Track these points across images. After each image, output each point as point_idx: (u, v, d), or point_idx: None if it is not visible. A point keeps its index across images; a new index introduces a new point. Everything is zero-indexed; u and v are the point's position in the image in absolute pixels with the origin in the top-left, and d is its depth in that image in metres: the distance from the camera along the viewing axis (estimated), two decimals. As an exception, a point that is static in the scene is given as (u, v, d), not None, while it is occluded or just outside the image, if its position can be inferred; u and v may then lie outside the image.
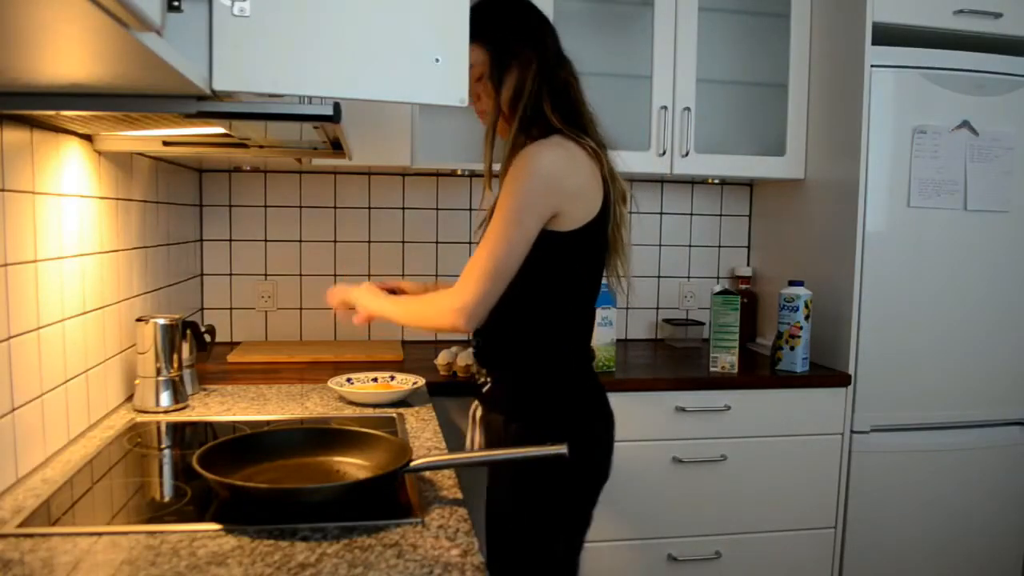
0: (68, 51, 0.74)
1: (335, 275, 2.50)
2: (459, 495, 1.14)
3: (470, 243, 2.55)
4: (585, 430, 1.40)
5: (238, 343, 2.41)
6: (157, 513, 1.06)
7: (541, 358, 1.42)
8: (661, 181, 2.67)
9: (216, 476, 1.03)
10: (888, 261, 2.16)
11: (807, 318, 2.16)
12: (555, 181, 1.33)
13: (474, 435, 1.52)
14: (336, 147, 1.56)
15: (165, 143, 1.48)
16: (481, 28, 1.34)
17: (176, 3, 0.77)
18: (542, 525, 1.37)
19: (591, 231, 1.37)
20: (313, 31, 0.95)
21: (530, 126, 1.40)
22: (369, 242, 2.52)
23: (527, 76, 1.40)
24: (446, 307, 1.33)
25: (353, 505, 1.04)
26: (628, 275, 1.49)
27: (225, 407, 1.65)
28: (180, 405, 1.62)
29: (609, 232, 1.42)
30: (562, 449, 1.13)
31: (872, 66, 2.10)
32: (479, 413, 1.52)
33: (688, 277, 2.74)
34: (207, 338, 1.79)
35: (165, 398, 1.59)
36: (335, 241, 2.50)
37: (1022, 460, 2.27)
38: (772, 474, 2.14)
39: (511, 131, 1.41)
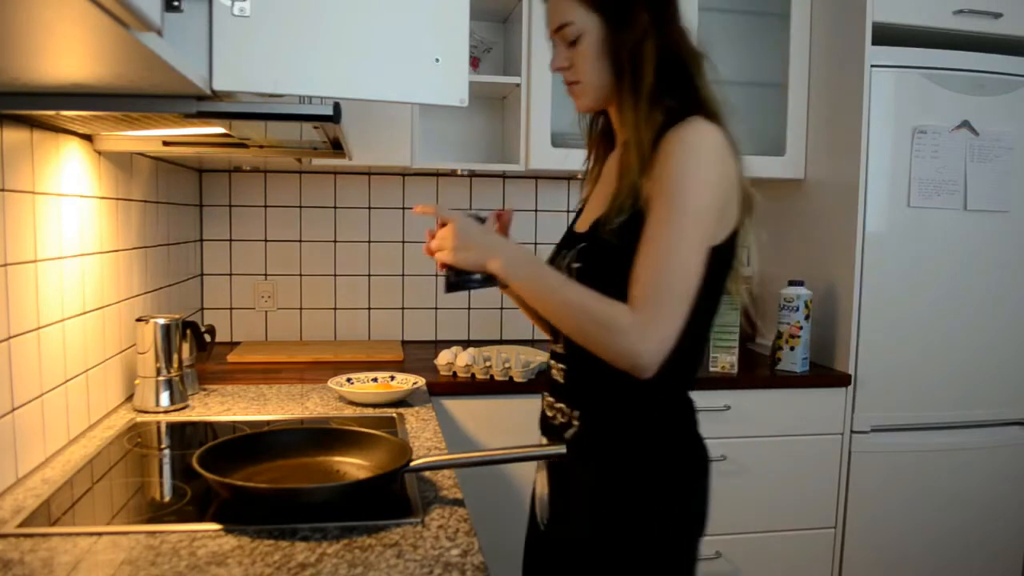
0: (68, 51, 0.74)
1: (335, 275, 2.50)
2: (459, 495, 1.14)
3: (470, 243, 2.54)
4: (689, 482, 1.16)
5: (238, 343, 2.41)
6: (157, 513, 1.06)
7: (654, 396, 1.13)
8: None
9: (216, 476, 1.03)
10: (888, 261, 2.15)
11: (807, 318, 2.16)
12: (730, 175, 1.10)
13: (541, 484, 1.26)
14: (336, 147, 1.55)
15: (165, 143, 1.48)
16: None
17: (176, 3, 0.77)
18: None
19: (732, 246, 1.12)
20: (313, 31, 0.95)
21: (663, 97, 1.11)
22: (369, 242, 2.51)
23: (650, 33, 1.13)
24: (627, 345, 1.02)
25: (353, 505, 1.04)
26: (752, 306, 1.15)
27: (225, 407, 1.65)
28: (180, 405, 1.62)
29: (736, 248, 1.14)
30: (561, 449, 1.13)
31: (872, 66, 2.10)
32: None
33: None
34: (207, 338, 1.79)
35: (165, 398, 1.59)
36: (335, 241, 2.50)
37: (1022, 460, 2.28)
38: (772, 474, 2.14)
39: (636, 104, 1.10)
